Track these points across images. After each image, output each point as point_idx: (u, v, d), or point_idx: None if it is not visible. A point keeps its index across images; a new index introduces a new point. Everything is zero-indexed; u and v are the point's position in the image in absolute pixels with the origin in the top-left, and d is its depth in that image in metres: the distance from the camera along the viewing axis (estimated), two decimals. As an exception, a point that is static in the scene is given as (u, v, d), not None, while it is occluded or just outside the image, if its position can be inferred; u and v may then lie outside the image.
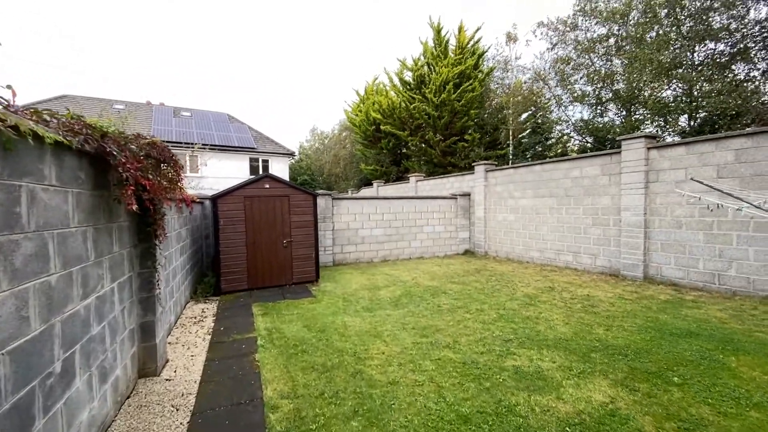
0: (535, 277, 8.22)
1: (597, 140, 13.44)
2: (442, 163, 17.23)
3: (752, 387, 3.15)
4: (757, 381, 3.26)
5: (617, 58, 12.59)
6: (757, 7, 9.32)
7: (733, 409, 2.83)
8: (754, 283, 6.19)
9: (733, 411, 2.80)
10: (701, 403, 2.92)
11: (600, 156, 8.72)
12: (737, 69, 10.11)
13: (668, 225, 7.35)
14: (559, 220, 9.66)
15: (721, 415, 2.75)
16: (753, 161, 6.20)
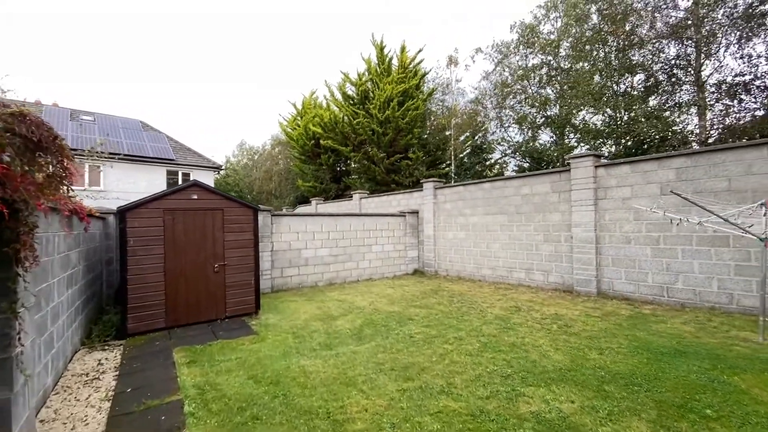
0: (495, 296, 7.88)
1: (534, 161, 14.26)
2: (386, 180, 16.82)
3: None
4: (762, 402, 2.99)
5: (550, 87, 13.65)
6: (668, 46, 10.82)
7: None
8: (700, 294, 6.50)
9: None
10: (754, 442, 2.51)
11: (549, 174, 8.90)
12: (653, 100, 11.54)
13: (618, 240, 7.58)
14: (510, 237, 9.61)
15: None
16: (692, 179, 6.63)
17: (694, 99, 10.39)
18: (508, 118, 15.75)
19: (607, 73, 11.59)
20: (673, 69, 10.88)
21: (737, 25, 9.24)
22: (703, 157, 6.53)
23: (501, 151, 16.10)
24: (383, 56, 17.58)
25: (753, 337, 4.77)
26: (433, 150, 17.14)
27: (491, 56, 15.79)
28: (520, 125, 15.36)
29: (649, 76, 11.46)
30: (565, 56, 13.18)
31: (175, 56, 74.77)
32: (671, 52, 10.86)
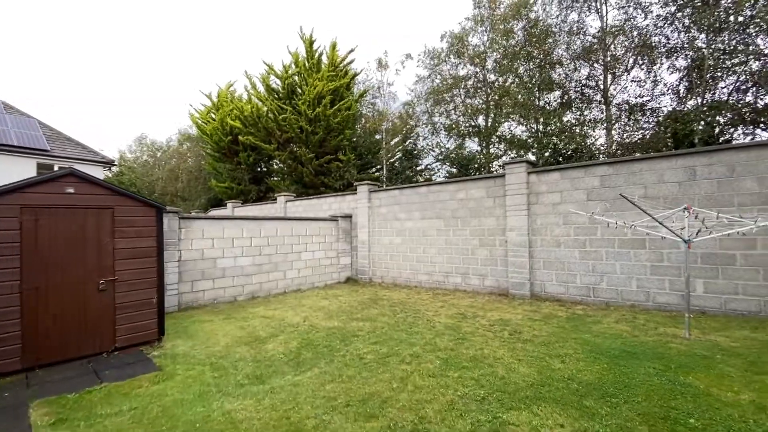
0: (436, 303, 7.58)
1: (462, 168, 14.72)
2: (314, 183, 15.80)
3: (749, 412, 2.86)
4: (741, 404, 3.01)
5: (478, 97, 14.27)
6: (581, 67, 12.06)
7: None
8: (622, 293, 6.98)
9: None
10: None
11: (485, 179, 9.00)
12: (568, 115, 12.73)
13: (549, 244, 7.87)
14: (447, 242, 9.50)
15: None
16: (614, 186, 7.14)
17: (602, 116, 11.76)
18: (439, 125, 16.12)
19: (529, 88, 12.50)
20: (584, 88, 12.23)
21: (634, 52, 10.73)
22: (624, 167, 7.08)
23: (434, 157, 16.40)
24: (312, 51, 16.63)
25: (679, 332, 5.10)
26: (365, 153, 16.67)
27: (424, 62, 16.07)
28: (449, 132, 15.79)
29: (564, 92, 12.72)
30: (491, 69, 13.96)
31: (60, 34, 62.69)
32: (583, 73, 12.24)
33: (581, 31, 11.96)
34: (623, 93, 11.83)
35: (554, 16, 12.56)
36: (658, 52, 10.70)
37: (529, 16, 12.90)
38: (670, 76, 10.44)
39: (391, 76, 30.05)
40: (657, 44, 10.47)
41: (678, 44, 10.24)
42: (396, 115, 17.22)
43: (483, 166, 14.58)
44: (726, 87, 9.71)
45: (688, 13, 9.98)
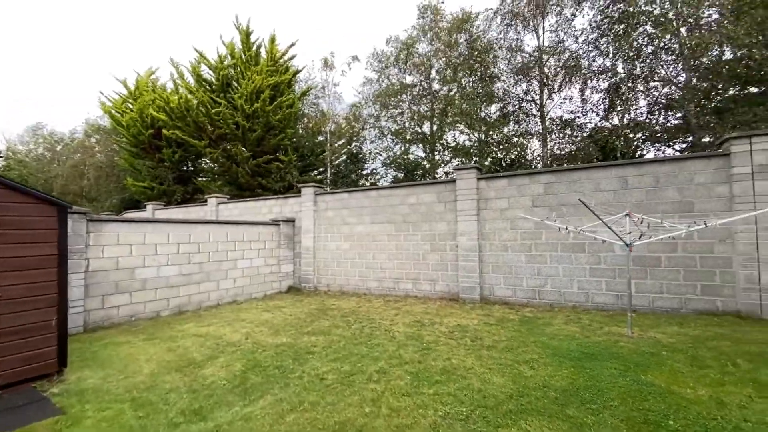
0: (389, 311, 7.28)
1: (408, 173, 14.75)
2: (251, 184, 14.61)
3: (713, 408, 2.98)
4: (704, 401, 3.15)
5: (423, 105, 14.46)
6: (520, 82, 12.88)
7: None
8: (565, 295, 7.35)
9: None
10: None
11: (436, 184, 9.00)
12: (508, 127, 13.45)
13: (497, 248, 8.06)
14: (398, 247, 9.30)
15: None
16: (557, 193, 7.53)
17: (537, 129, 12.66)
18: (387, 130, 16.01)
19: (472, 99, 13.00)
20: (522, 102, 13.09)
21: (564, 72, 11.79)
22: (565, 175, 7.51)
23: (381, 161, 16.23)
24: (249, 43, 15.48)
25: (622, 331, 5.41)
26: (307, 154, 15.89)
27: (372, 65, 15.90)
28: (396, 137, 15.78)
29: (504, 105, 13.49)
30: (435, 78, 14.31)
31: None
32: (522, 88, 13.11)
33: (519, 48, 12.83)
34: (557, 108, 12.93)
35: (495, 32, 13.32)
36: (584, 73, 11.86)
37: (471, 30, 13.48)
38: (595, 96, 11.60)
39: (336, 77, 29.48)
40: (584, 66, 11.60)
41: (601, 68, 11.45)
42: (341, 116, 16.79)
43: (428, 172, 14.81)
44: (640, 108, 11.12)
45: (608, 41, 11.22)
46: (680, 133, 9.49)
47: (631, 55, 11.06)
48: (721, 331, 5.25)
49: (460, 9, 13.65)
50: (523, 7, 12.18)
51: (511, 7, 12.50)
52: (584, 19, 12.04)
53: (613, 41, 11.48)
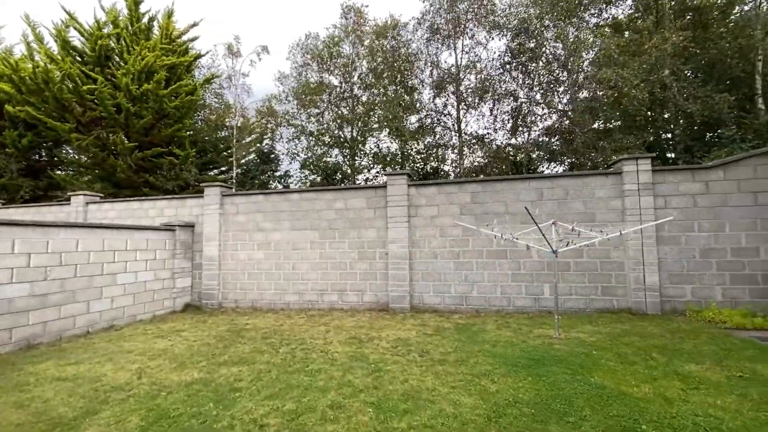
0: (317, 327, 6.53)
1: (327, 177, 13.98)
2: (134, 181, 12.03)
3: (664, 405, 3.14)
4: (653, 399, 3.32)
5: (344, 107, 13.95)
6: (439, 95, 13.39)
7: None
8: (489, 300, 7.61)
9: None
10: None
11: (365, 189, 8.58)
12: (431, 137, 13.83)
13: (427, 256, 7.99)
14: (322, 256, 8.56)
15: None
16: (483, 202, 7.82)
17: (454, 141, 13.32)
18: (306, 129, 14.97)
19: (393, 107, 13.06)
20: (441, 115, 13.69)
21: (477, 92, 12.73)
22: (489, 185, 7.85)
23: (299, 162, 15.03)
24: (138, 13, 12.93)
25: (549, 332, 5.73)
26: (209, 149, 13.87)
27: (295, 57, 14.72)
28: (316, 138, 14.90)
29: (425, 116, 13.92)
30: (357, 83, 14.00)
31: None
32: (441, 101, 13.69)
33: (437, 63, 13.44)
34: (473, 124, 13.89)
35: (417, 44, 13.72)
36: (494, 94, 12.99)
37: (397, 38, 13.61)
38: (503, 115, 12.78)
39: (245, 67, 26.78)
40: (494, 87, 12.70)
41: (506, 91, 12.68)
42: (252, 111, 15.24)
43: (348, 176, 14.32)
44: (538, 130, 12.65)
45: (512, 68, 12.52)
46: (570, 153, 11.08)
47: (529, 84, 12.52)
48: (624, 327, 5.94)
49: (389, 15, 13.81)
50: (442, 23, 12.81)
51: (431, 21, 13.04)
52: (499, 43, 13.24)
53: (514, 68, 12.82)
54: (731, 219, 6.72)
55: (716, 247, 6.76)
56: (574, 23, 12.13)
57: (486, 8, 12.39)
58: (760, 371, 3.90)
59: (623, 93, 9.54)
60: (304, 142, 14.61)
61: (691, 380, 3.73)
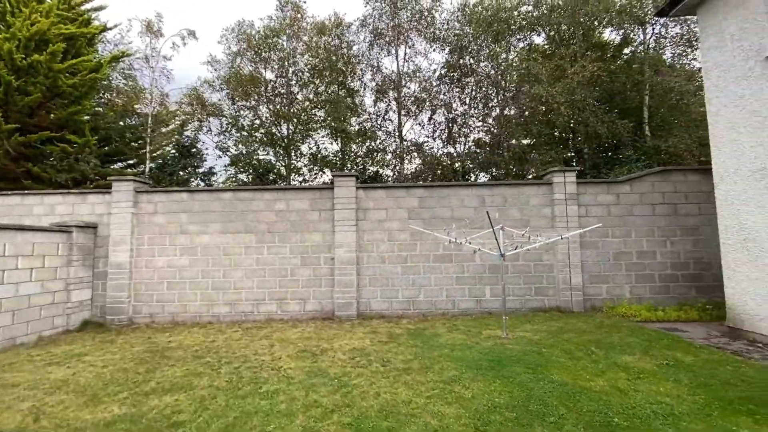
0: (259, 342, 5.89)
1: (259, 176, 12.85)
2: (11, 171, 9.66)
3: (622, 396, 3.39)
4: (611, 392, 3.57)
5: (281, 104, 13.03)
6: (380, 100, 13.35)
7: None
8: (435, 303, 7.70)
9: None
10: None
11: (310, 190, 8.11)
12: (374, 141, 13.68)
13: (375, 260, 7.81)
14: (259, 262, 7.82)
15: None
16: (430, 207, 7.92)
17: (394, 147, 13.38)
18: (236, 122, 13.59)
19: (333, 108, 12.66)
20: (382, 120, 13.64)
21: (415, 100, 13.08)
22: (436, 191, 8.00)
23: (230, 158, 13.42)
24: (22, -32, 10.56)
25: (497, 333, 5.95)
26: (116, 139, 11.80)
27: (229, 42, 13.24)
28: (249, 134, 13.65)
29: (366, 120, 13.72)
30: (293, 80, 13.24)
31: None
32: (382, 106, 13.64)
33: (379, 68, 13.46)
34: (413, 131, 14.12)
35: (359, 47, 13.54)
36: (431, 104, 13.44)
37: (339, 37, 13.24)
38: (440, 125, 13.25)
39: (165, 49, 23.62)
40: (431, 98, 13.15)
41: (443, 102, 13.22)
42: (173, 98, 13.41)
43: (283, 177, 13.41)
44: (470, 142, 13.39)
45: (448, 81, 13.14)
46: (501, 165, 11.97)
47: (464, 98, 13.28)
48: (558, 324, 6.45)
49: (333, 12, 13.35)
50: (385, 28, 12.86)
51: (375, 25, 13.01)
52: (438, 55, 13.79)
53: (450, 81, 13.46)
54: (636, 227, 7.81)
55: (625, 251, 7.79)
56: (502, 45, 13.20)
57: (426, 20, 12.82)
58: (680, 358, 4.49)
59: (553, 109, 10.64)
60: (235, 136, 13.30)
61: (631, 371, 4.13)
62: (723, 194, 5.80)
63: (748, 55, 5.25)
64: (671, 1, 6.28)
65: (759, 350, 4.78)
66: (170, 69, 13.72)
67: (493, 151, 12.88)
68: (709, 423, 2.92)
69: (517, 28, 13.12)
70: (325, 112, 12.98)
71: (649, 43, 12.44)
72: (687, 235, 7.76)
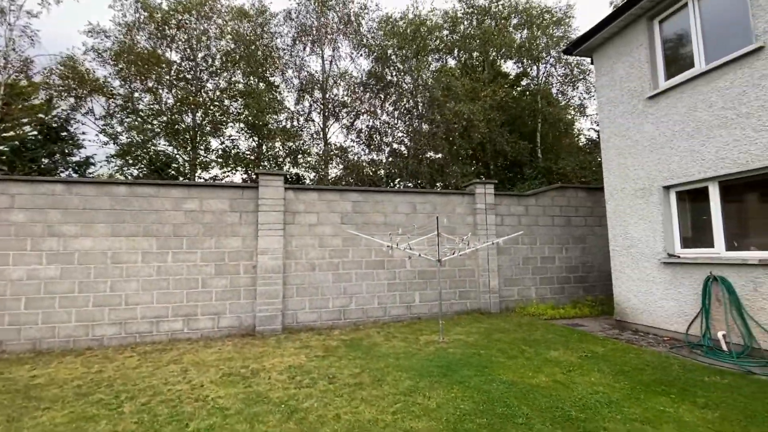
0: (164, 368, 4.87)
1: (156, 171, 10.74)
2: None
3: (567, 390, 3.66)
4: (557, 387, 3.82)
5: (186, 90, 11.17)
6: (303, 99, 12.54)
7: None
8: (367, 312, 7.48)
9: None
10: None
11: (230, 188, 7.15)
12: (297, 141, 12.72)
13: (304, 268, 7.25)
14: (161, 271, 6.56)
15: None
16: (364, 212, 7.73)
17: (318, 151, 12.76)
18: (128, 106, 11.16)
19: (257, 99, 11.49)
20: (305, 120, 12.89)
21: (340, 106, 12.83)
22: (371, 196, 7.85)
23: (119, 146, 10.79)
24: None
25: (434, 338, 6.00)
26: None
27: (123, 9, 10.74)
28: (143, 120, 11.38)
29: (289, 118, 12.78)
30: (203, 64, 11.58)
31: None
32: (306, 105, 12.86)
33: (304, 66, 12.80)
34: (336, 135, 13.67)
35: (284, 39, 12.67)
36: (354, 109, 13.33)
37: (262, 26, 12.10)
38: (362, 132, 13.18)
39: (31, 4, 18.25)
40: (354, 104, 13.05)
41: (366, 109, 13.24)
42: (36, 67, 10.44)
43: (185, 174, 11.55)
44: (390, 151, 13.63)
45: (372, 88, 13.26)
46: (421, 175, 12.46)
47: (386, 108, 13.57)
48: (484, 326, 6.85)
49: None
50: (311, 26, 12.32)
51: (302, 21, 12.37)
52: (365, 62, 13.69)
53: (373, 90, 13.62)
54: (540, 235, 8.85)
55: (532, 257, 8.75)
56: (423, 62, 13.90)
57: (353, 25, 12.72)
58: (594, 350, 5.11)
59: (473, 126, 11.51)
60: (126, 122, 10.92)
61: (562, 365, 4.53)
62: (612, 208, 6.92)
63: (632, 94, 6.42)
64: (575, 42, 7.38)
65: (644, 338, 5.76)
66: (36, 29, 10.77)
67: (415, 161, 13.36)
68: (642, 406, 3.31)
69: (433, 48, 14.00)
70: (243, 104, 11.76)
71: (542, 78, 14.57)
72: (577, 243, 9.09)
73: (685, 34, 5.66)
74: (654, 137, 6.01)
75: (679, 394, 3.54)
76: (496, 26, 13.43)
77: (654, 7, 6.02)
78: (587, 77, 14.78)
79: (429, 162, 12.80)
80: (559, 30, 14.16)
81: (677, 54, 5.85)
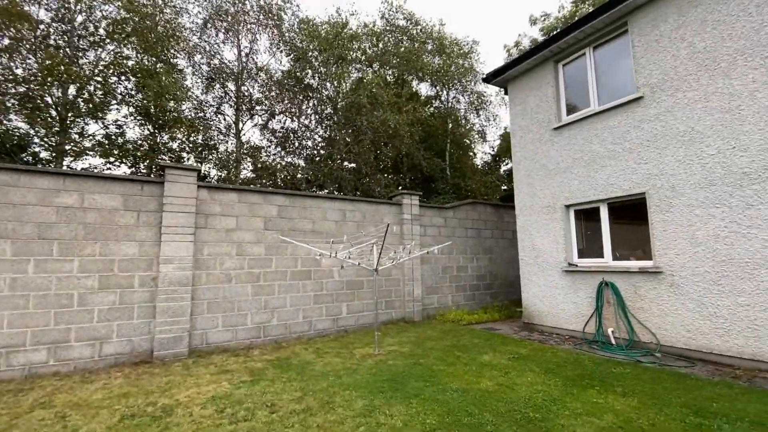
0: (32, 416, 3.61)
1: (6, 152, 7.85)
2: None
3: (516, 392, 3.86)
4: (501, 390, 4.00)
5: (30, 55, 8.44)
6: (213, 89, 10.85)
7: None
8: (290, 327, 6.87)
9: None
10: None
11: (125, 181, 5.82)
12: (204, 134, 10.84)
13: (217, 280, 6.31)
14: (16, 286, 4.95)
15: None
16: (290, 218, 7.14)
17: (231, 148, 11.28)
18: None
19: (154, 78, 9.55)
20: (214, 113, 11.28)
21: (255, 102, 11.70)
22: (298, 200, 7.31)
23: None
24: None
25: (369, 351, 5.80)
26: None
27: None
28: None
29: (191, 108, 10.93)
30: (82, 32, 9.17)
31: None
32: (216, 96, 11.24)
33: (215, 53, 11.28)
34: (250, 133, 12.34)
35: (194, 19, 10.99)
36: (270, 108, 12.39)
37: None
38: (279, 133, 12.24)
39: None
40: (271, 102, 12.13)
41: (283, 110, 12.45)
42: None
43: (47, 162, 8.86)
44: (307, 155, 13.01)
45: (290, 88, 12.59)
46: (347, 181, 12.18)
47: (304, 110, 13.05)
48: (412, 335, 6.92)
49: None
50: (227, 13, 11.04)
51: (214, 1, 10.96)
52: (285, 59, 12.77)
53: (292, 91, 12.98)
54: (456, 245, 9.45)
55: (449, 266, 9.27)
56: (343, 69, 13.83)
57: (274, 20, 11.89)
58: (518, 351, 5.57)
59: (398, 136, 11.74)
60: None
61: (498, 368, 4.79)
62: (522, 223, 7.78)
63: (541, 124, 7.39)
64: (493, 73, 8.20)
65: (550, 338, 6.54)
66: None
67: (339, 167, 13.03)
68: (579, 400, 3.67)
69: (354, 58, 14.09)
70: (137, 84, 9.77)
71: (452, 102, 15.92)
72: (486, 254, 9.98)
73: (583, 78, 6.77)
74: (558, 162, 7.00)
75: (601, 386, 4.04)
76: (414, 48, 14.20)
77: (559, 53, 7.09)
78: (487, 107, 16.75)
79: (351, 170, 12.66)
80: (467, 61, 15.73)
81: (577, 93, 6.96)
